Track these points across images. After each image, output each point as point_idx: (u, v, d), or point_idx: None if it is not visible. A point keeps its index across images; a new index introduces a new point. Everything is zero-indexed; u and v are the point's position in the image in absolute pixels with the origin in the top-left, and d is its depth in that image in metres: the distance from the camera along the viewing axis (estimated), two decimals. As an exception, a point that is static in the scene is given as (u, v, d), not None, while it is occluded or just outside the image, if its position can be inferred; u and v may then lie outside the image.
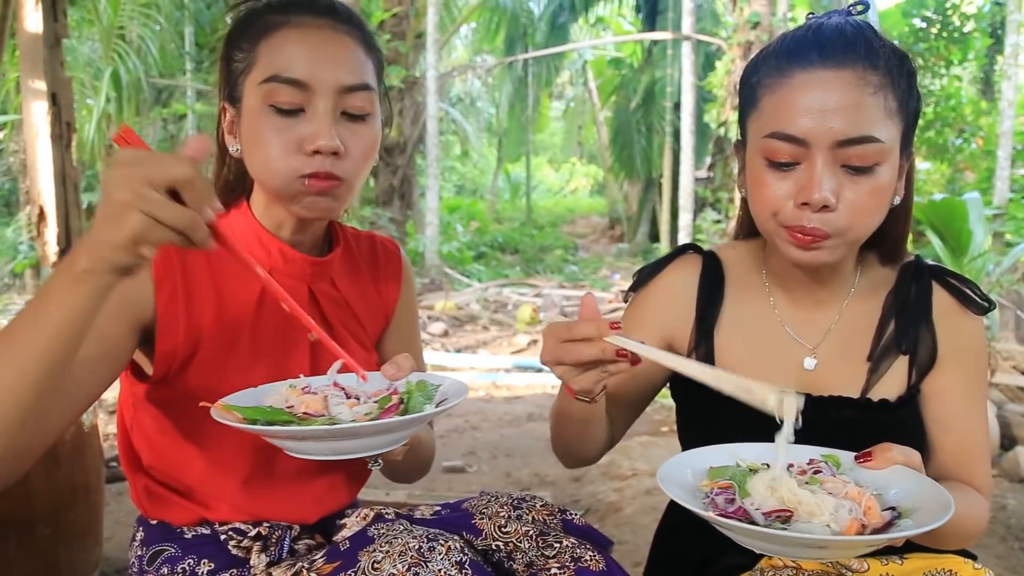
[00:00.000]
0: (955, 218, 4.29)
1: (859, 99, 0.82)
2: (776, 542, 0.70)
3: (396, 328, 1.12)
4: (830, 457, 0.83)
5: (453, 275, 10.35)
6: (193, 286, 0.91)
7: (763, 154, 0.87)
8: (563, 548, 0.88)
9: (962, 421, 0.96)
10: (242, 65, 0.92)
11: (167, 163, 0.65)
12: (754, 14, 7.79)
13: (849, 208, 0.84)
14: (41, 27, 2.77)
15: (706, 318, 1.01)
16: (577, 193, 24.95)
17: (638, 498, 2.75)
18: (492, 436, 3.93)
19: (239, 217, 0.98)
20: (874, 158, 0.83)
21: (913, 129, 0.90)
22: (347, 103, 0.91)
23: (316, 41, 0.90)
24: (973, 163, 10.27)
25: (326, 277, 1.02)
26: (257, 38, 0.91)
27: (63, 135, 2.87)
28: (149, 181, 0.64)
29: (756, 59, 0.92)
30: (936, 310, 0.97)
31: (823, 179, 0.83)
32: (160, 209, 0.64)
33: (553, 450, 1.06)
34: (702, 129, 10.81)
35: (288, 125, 0.89)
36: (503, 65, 15.49)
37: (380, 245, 1.12)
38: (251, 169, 0.94)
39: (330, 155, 0.89)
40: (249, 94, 0.91)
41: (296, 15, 0.91)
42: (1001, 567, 2.18)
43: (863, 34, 0.86)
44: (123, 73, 8.30)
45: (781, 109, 0.85)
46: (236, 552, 0.94)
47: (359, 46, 0.94)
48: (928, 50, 10.64)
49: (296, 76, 0.88)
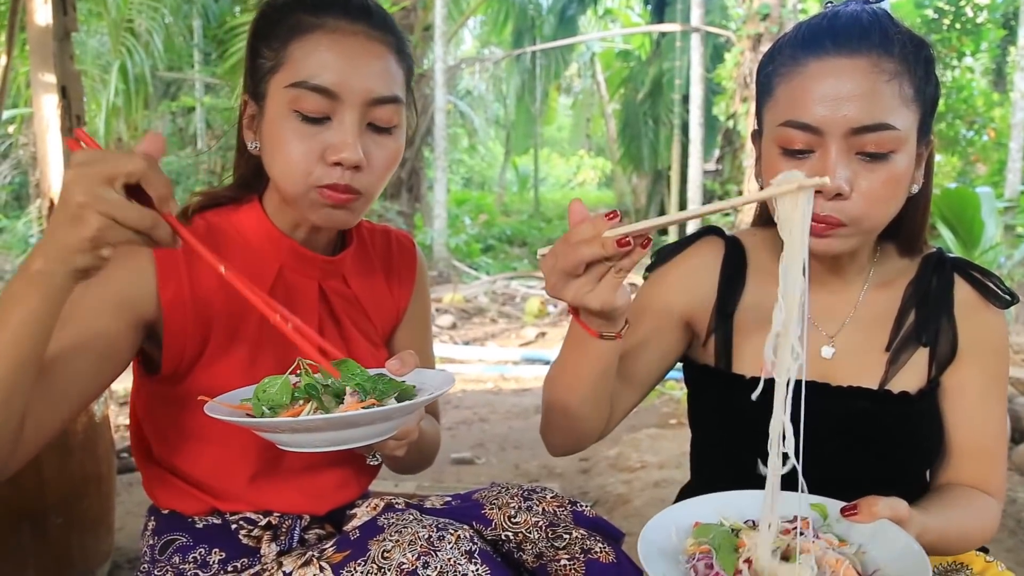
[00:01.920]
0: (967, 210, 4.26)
1: (873, 86, 0.82)
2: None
3: (407, 326, 1.12)
4: (818, 507, 0.80)
5: (461, 268, 10.35)
6: (200, 283, 0.90)
7: (778, 142, 0.86)
8: (573, 539, 0.88)
9: (980, 421, 0.95)
10: (269, 64, 0.89)
11: (121, 160, 0.65)
12: (763, 5, 7.73)
13: (863, 196, 0.83)
14: (51, 21, 2.77)
15: (726, 302, 1.00)
16: (585, 186, 24.87)
17: (647, 490, 2.75)
18: (500, 428, 3.94)
19: (250, 213, 0.96)
20: (889, 145, 0.82)
21: (931, 116, 0.89)
22: (374, 115, 0.88)
23: (348, 49, 0.87)
24: (985, 155, 10.19)
25: (337, 274, 1.01)
26: (288, 38, 0.88)
27: (73, 128, 2.88)
28: (105, 179, 0.64)
29: (772, 48, 0.92)
30: (958, 303, 0.96)
31: (836, 167, 0.82)
32: (117, 209, 0.64)
33: (544, 430, 0.98)
34: (711, 122, 10.75)
35: (312, 132, 0.86)
36: (511, 58, 15.45)
37: (395, 241, 1.11)
38: (269, 170, 0.92)
39: (351, 168, 0.87)
40: (274, 95, 0.88)
41: (330, 18, 0.88)
42: (1011, 561, 2.17)
43: (878, 21, 0.85)
44: (131, 66, 8.32)
45: (795, 97, 0.84)
46: (247, 542, 0.94)
47: (391, 55, 0.90)
48: (940, 41, 10.54)
49: (325, 84, 0.85)
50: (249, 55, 0.93)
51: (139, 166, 0.65)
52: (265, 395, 0.80)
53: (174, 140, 10.45)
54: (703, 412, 1.06)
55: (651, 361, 1.01)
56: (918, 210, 0.94)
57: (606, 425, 0.97)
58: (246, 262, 0.93)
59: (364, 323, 1.04)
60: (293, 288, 0.97)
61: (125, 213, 0.64)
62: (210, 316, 0.91)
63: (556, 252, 0.74)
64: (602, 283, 0.74)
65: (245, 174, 0.98)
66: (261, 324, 0.93)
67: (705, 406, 1.05)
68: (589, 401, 0.89)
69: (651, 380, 1.04)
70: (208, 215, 0.96)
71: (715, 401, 1.02)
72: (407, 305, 1.11)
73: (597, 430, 0.96)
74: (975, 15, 10.72)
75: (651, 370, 1.03)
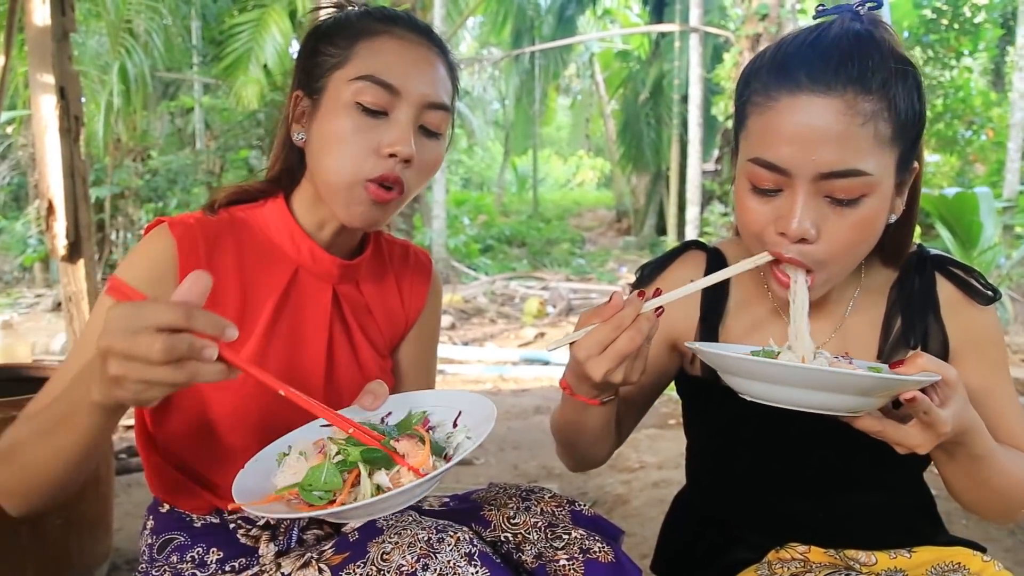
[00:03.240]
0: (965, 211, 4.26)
1: (846, 130, 0.77)
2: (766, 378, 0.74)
3: (415, 340, 1.12)
4: (873, 368, 0.81)
5: (460, 268, 10.36)
6: (220, 284, 0.92)
7: (748, 176, 0.84)
8: (572, 540, 0.88)
9: (990, 398, 0.93)
10: (334, 60, 0.94)
11: (157, 315, 0.62)
12: (762, 6, 7.72)
13: (830, 241, 0.81)
14: (49, 21, 2.77)
15: (710, 316, 1.00)
16: (584, 186, 24.89)
17: (645, 490, 2.75)
18: (499, 429, 3.94)
19: (274, 210, 0.98)
20: (860, 191, 0.79)
21: (918, 142, 0.85)
22: (427, 118, 0.94)
23: (413, 53, 0.94)
24: (983, 155, 10.19)
25: (352, 279, 1.03)
26: (356, 38, 0.94)
27: (71, 129, 2.87)
28: (141, 346, 0.62)
29: (749, 71, 0.87)
30: (943, 302, 0.94)
31: (802, 211, 0.80)
32: (153, 374, 0.63)
33: (560, 458, 1.05)
34: (710, 122, 10.76)
35: (370, 126, 0.91)
36: (510, 58, 15.45)
37: (413, 256, 1.13)
38: (316, 163, 0.94)
39: (402, 161, 0.91)
40: (336, 88, 0.92)
41: (398, 28, 0.95)
42: (1010, 560, 2.18)
43: (860, 48, 0.79)
44: (130, 67, 8.31)
45: (765, 135, 0.81)
46: (245, 541, 0.95)
47: (446, 69, 0.98)
48: (938, 41, 10.55)
49: (389, 80, 0.91)
50: (306, 54, 0.97)
51: (177, 319, 0.63)
52: (318, 483, 0.76)
53: (172, 140, 10.44)
54: (697, 422, 1.07)
55: (647, 386, 1.04)
56: (900, 230, 0.91)
57: (614, 448, 1.03)
58: (265, 260, 0.96)
59: (373, 331, 1.05)
60: (307, 290, 0.99)
61: (162, 376, 0.63)
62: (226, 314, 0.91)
63: (601, 340, 0.79)
64: (635, 362, 0.81)
65: (283, 169, 1.00)
66: (269, 323, 0.95)
67: (698, 416, 1.06)
68: (596, 443, 0.97)
69: (651, 399, 1.07)
70: (233, 210, 0.98)
71: (708, 412, 1.02)
72: (417, 319, 1.11)
73: (605, 454, 1.02)
74: (973, 15, 10.73)
75: (649, 393, 1.05)
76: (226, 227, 0.96)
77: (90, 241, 2.98)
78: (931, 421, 0.74)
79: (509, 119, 18.10)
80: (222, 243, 0.95)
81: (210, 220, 0.96)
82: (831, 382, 0.73)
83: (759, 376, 0.76)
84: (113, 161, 8.75)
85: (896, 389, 0.73)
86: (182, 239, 0.91)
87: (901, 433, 0.76)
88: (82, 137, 2.94)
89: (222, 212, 0.97)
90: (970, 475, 0.85)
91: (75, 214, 2.87)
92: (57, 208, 2.84)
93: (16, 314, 7.25)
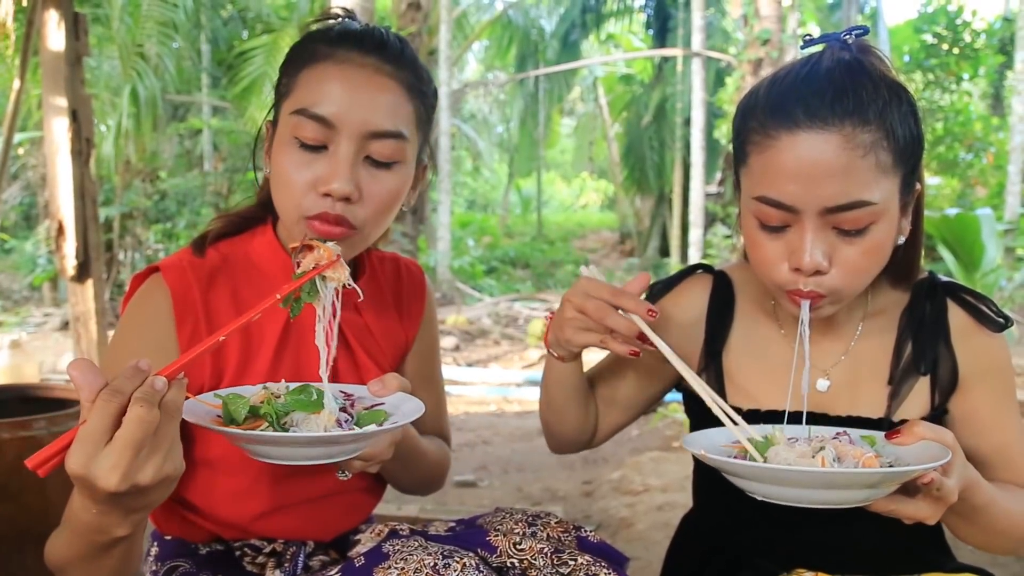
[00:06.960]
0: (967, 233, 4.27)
1: (848, 163, 0.78)
2: (776, 481, 0.74)
3: (416, 356, 1.12)
4: (867, 438, 0.83)
5: (464, 290, 10.36)
6: (216, 321, 0.90)
7: (755, 214, 0.85)
8: (578, 566, 0.88)
9: (997, 429, 0.94)
10: (283, 90, 0.91)
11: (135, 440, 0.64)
12: (764, 31, 7.80)
13: (843, 269, 0.82)
14: (63, 46, 2.82)
15: (714, 340, 1.01)
16: (588, 208, 24.96)
17: (650, 514, 2.73)
18: (503, 451, 3.92)
19: (263, 243, 0.97)
20: (867, 220, 0.80)
21: (918, 163, 0.86)
22: (372, 148, 0.87)
23: (353, 80, 0.86)
24: (984, 178, 10.22)
25: (349, 305, 1.01)
26: (300, 66, 0.89)
27: (83, 151, 2.92)
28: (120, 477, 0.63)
29: (744, 107, 0.87)
30: (953, 330, 0.94)
31: (812, 246, 0.81)
32: (140, 500, 0.67)
33: (546, 440, 1.11)
34: (712, 145, 10.82)
35: (308, 161, 0.86)
36: (515, 81, 15.60)
37: (404, 269, 1.11)
38: (273, 196, 0.93)
39: (341, 200, 0.86)
40: (283, 120, 0.90)
41: (343, 49, 0.88)
42: (1017, 588, 2.15)
43: (852, 79, 0.79)
44: (141, 90, 8.42)
45: (768, 173, 0.82)
46: (251, 568, 0.95)
47: (402, 90, 0.89)
48: (939, 65, 10.64)
49: (323, 113, 0.85)
50: (276, 82, 0.95)
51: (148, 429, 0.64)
52: (231, 408, 0.80)
53: (181, 161, 10.53)
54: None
55: (630, 386, 1.06)
56: (909, 249, 0.92)
57: (592, 438, 1.08)
58: (260, 293, 0.94)
59: (377, 353, 1.04)
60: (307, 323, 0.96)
61: (149, 500, 0.68)
62: (228, 352, 0.92)
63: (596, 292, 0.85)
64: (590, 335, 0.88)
65: (264, 198, 1.00)
66: (274, 357, 0.94)
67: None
68: (562, 408, 1.03)
69: (637, 403, 1.08)
70: (222, 246, 0.97)
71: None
72: (416, 334, 1.11)
73: (582, 441, 1.08)
74: (973, 40, 10.83)
75: (632, 394, 1.07)
76: (218, 267, 0.94)
77: (99, 262, 3.01)
78: (942, 495, 0.76)
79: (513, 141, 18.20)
80: (216, 285, 0.93)
81: (202, 262, 0.94)
82: (840, 481, 0.73)
83: (769, 480, 0.75)
84: (123, 182, 8.82)
85: (905, 479, 0.74)
86: (175, 285, 0.90)
87: (911, 508, 0.77)
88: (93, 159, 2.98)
89: (211, 251, 0.95)
90: (974, 523, 0.86)
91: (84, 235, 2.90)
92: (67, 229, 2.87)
93: (24, 333, 7.27)
